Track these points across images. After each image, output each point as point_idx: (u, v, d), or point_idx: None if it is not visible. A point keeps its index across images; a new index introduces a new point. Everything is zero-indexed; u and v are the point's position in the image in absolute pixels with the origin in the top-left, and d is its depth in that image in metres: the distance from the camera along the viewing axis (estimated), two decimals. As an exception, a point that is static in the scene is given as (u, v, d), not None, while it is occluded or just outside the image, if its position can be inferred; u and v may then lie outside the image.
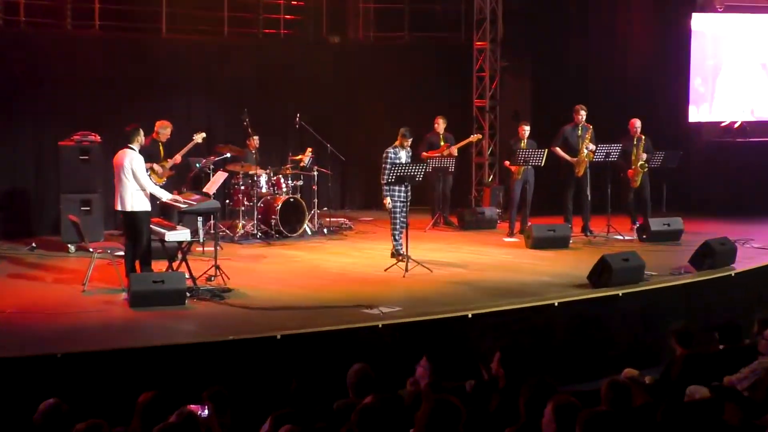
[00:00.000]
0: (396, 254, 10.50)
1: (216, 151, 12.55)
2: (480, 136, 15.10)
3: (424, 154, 13.37)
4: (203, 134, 11.67)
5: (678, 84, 15.34)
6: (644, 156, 12.69)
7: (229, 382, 6.72)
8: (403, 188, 10.23)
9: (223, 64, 14.61)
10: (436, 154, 13.40)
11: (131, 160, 8.84)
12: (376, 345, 7.48)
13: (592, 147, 12.27)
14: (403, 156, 10.45)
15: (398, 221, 10.46)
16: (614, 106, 14.64)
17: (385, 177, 10.16)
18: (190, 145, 11.53)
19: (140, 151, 9.02)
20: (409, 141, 10.53)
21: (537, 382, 4.76)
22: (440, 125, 13.61)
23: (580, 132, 12.44)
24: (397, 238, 10.53)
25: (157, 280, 8.37)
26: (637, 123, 12.84)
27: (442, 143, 13.58)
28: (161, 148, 11.21)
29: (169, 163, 11.19)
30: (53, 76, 12.94)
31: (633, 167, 12.78)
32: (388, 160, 10.34)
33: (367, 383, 5.27)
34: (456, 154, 13.58)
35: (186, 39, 14.30)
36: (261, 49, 15.22)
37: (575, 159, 12.40)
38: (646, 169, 12.75)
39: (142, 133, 9.08)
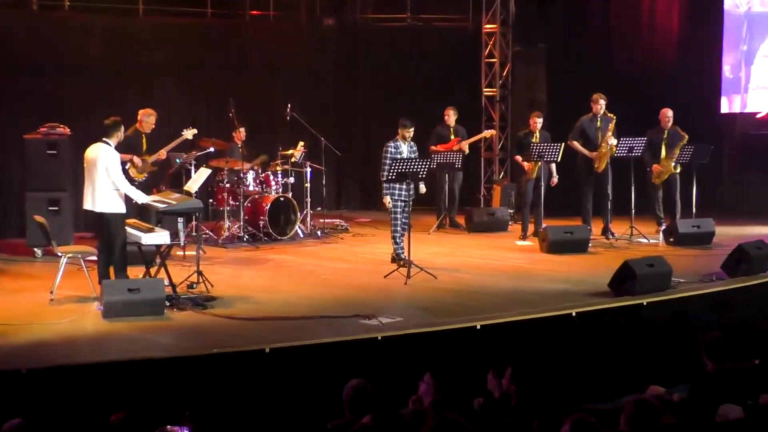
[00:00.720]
0: (397, 259, 10.50)
1: (198, 145, 12.55)
2: (493, 132, 15.10)
3: (433, 148, 13.37)
4: (194, 130, 11.64)
5: (709, 71, 15.34)
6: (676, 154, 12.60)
7: (212, 401, 6.74)
8: (404, 186, 10.22)
9: (206, 48, 14.60)
10: (446, 149, 13.37)
11: (105, 157, 8.82)
12: (374, 359, 7.48)
13: (613, 141, 12.23)
14: (405, 150, 10.45)
15: (399, 222, 10.46)
16: (638, 95, 14.64)
17: (385, 174, 10.16)
18: (177, 141, 11.51)
19: (121, 142, 9.01)
20: (410, 131, 10.47)
21: (552, 400, 4.75)
22: (451, 117, 13.60)
23: (599, 123, 12.43)
24: (398, 241, 10.53)
25: (132, 288, 8.36)
26: (669, 113, 12.75)
27: (452, 137, 13.58)
28: (144, 139, 11.22)
29: (152, 158, 11.19)
30: (18, 62, 12.93)
31: (660, 163, 12.72)
32: (388, 155, 10.34)
33: (365, 401, 5.28)
34: (467, 151, 13.58)
35: (165, 21, 14.30)
36: (248, 32, 15.22)
37: (595, 153, 12.38)
38: (678, 170, 12.66)
39: (122, 128, 9.06)
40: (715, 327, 8.15)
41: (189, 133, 11.57)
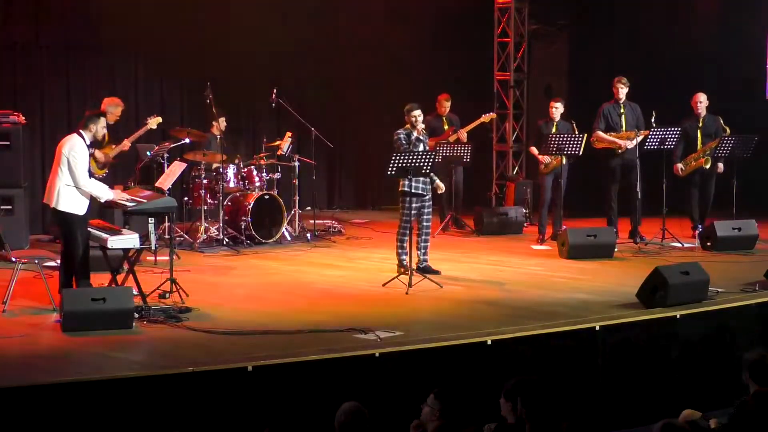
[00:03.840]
0: (401, 266, 10.43)
1: (171, 135, 12.57)
2: (493, 115, 15.05)
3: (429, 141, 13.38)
4: (159, 119, 11.67)
5: (753, 53, 15.34)
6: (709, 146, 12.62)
7: (187, 426, 6.75)
8: (413, 181, 10.18)
9: (179, 24, 14.53)
10: (442, 141, 13.38)
11: (71, 148, 8.80)
12: (371, 378, 7.50)
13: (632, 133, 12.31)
14: (421, 141, 10.40)
15: (410, 225, 10.35)
16: (673, 80, 14.66)
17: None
18: (141, 131, 11.54)
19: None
20: (417, 114, 10.33)
21: (572, 426, 4.77)
22: (444, 105, 13.63)
23: (622, 110, 12.48)
24: (405, 246, 10.43)
25: (97, 297, 8.37)
26: (701, 98, 12.75)
27: (446, 127, 13.62)
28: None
29: (115, 150, 11.20)
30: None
31: (695, 155, 12.68)
32: (402, 145, 10.26)
33: (360, 427, 5.30)
34: (465, 140, 13.59)
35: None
36: (225, 5, 15.15)
37: (623, 141, 12.34)
38: (708, 166, 12.65)
39: (102, 122, 9.06)
40: (759, 344, 8.16)
41: (153, 122, 11.59)
